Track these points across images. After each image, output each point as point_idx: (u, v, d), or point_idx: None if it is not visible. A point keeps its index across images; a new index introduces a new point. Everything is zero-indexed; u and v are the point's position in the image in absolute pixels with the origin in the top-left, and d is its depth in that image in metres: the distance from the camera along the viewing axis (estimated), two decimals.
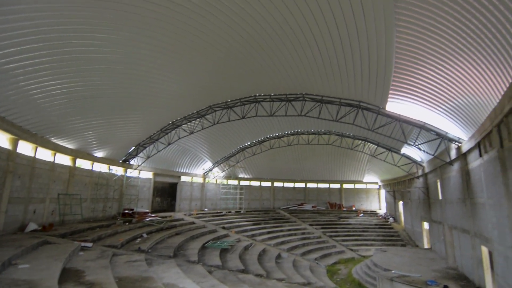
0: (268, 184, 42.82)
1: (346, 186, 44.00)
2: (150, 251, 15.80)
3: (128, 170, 26.54)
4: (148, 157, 26.07)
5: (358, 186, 43.93)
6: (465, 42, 9.73)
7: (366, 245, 30.45)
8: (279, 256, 23.77)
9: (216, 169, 37.24)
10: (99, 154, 22.46)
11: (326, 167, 41.49)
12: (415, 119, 17.34)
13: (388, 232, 33.14)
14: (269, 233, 30.40)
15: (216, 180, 38.25)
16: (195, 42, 14.13)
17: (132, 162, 26.63)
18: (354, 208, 42.52)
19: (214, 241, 22.07)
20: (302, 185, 44.20)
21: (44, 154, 17.26)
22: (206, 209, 35.81)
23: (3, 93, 12.05)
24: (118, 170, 25.57)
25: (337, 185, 44.02)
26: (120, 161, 25.33)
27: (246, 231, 29.29)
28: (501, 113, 9.63)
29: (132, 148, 25.15)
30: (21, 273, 8.42)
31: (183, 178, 34.28)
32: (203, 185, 36.71)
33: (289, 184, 43.93)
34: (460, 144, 15.70)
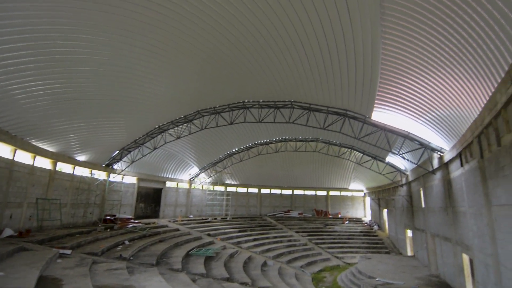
0: (255, 191, 42.65)
1: (333, 194, 44.36)
2: (132, 259, 15.34)
3: (111, 175, 25.87)
4: (133, 162, 25.52)
5: (344, 194, 44.36)
6: (448, 56, 10.10)
7: (352, 253, 30.63)
8: (265, 264, 23.57)
9: (203, 175, 36.82)
10: (81, 158, 21.82)
11: (313, 175, 41.75)
12: (400, 129, 17.77)
13: (373, 240, 33.52)
14: (255, 240, 30.15)
15: (202, 186, 37.80)
16: (183, 46, 14.06)
17: (116, 167, 25.99)
18: (340, 216, 42.86)
19: (199, 249, 21.68)
20: (289, 192, 44.27)
21: (23, 157, 16.63)
22: (192, 216, 35.24)
23: None
24: (101, 175, 24.87)
25: (324, 192, 44.33)
26: (103, 165, 24.69)
27: (232, 238, 28.99)
28: (482, 125, 9.98)
29: (116, 152, 24.58)
30: None
31: (168, 184, 33.67)
32: (189, 191, 36.17)
33: (276, 191, 43.92)
34: (442, 154, 16.14)
